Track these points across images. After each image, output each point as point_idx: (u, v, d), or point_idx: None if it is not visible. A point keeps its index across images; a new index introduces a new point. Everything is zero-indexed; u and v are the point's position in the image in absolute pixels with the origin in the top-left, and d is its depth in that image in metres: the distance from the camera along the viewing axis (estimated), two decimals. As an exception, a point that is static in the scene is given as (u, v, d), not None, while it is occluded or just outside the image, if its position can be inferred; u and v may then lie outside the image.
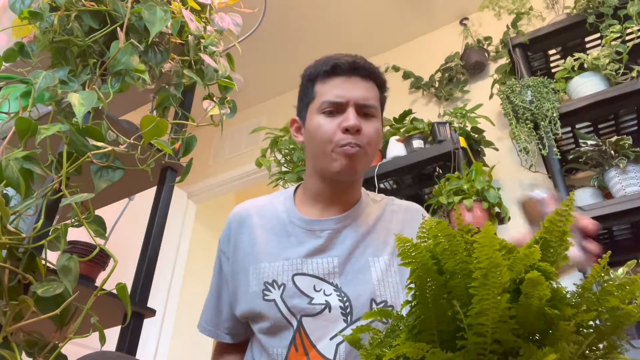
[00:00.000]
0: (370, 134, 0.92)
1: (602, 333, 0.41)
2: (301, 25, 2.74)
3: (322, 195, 0.98)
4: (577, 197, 1.68)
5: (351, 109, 0.91)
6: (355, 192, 1.00)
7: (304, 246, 0.93)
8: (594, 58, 1.76)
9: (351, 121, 0.89)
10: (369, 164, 0.95)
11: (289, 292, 0.89)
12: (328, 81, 0.95)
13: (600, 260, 0.42)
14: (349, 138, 0.89)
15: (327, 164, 0.92)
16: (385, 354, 0.41)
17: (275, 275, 0.92)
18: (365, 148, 0.91)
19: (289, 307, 0.88)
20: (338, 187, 0.97)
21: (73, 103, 0.89)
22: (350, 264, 0.91)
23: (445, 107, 2.47)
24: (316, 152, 0.94)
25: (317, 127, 0.93)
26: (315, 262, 0.92)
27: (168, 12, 1.10)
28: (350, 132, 0.90)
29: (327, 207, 0.98)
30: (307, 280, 0.90)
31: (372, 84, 0.97)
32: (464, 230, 0.45)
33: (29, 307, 0.78)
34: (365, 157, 0.92)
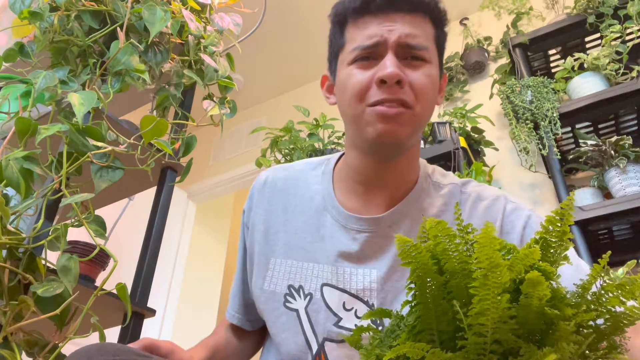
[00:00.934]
0: (420, 84, 0.67)
1: (602, 333, 0.41)
2: (301, 25, 2.74)
3: (362, 174, 0.75)
4: (577, 197, 1.68)
5: (390, 53, 0.67)
6: (408, 170, 0.75)
7: (335, 247, 0.73)
8: (594, 58, 1.76)
9: (388, 69, 0.65)
10: (420, 126, 0.70)
11: (315, 305, 0.71)
12: (360, 22, 0.71)
13: (600, 260, 0.42)
14: (385, 93, 0.66)
15: (360, 131, 0.70)
16: (385, 354, 0.41)
17: (302, 279, 0.73)
18: (413, 106, 0.67)
19: (313, 325, 0.71)
20: (380, 161, 0.73)
21: (73, 103, 0.89)
22: (392, 281, 0.70)
23: (445, 107, 2.47)
24: (347, 116, 0.72)
25: (347, 81, 0.70)
26: (347, 272, 0.71)
27: (168, 12, 1.09)
28: (388, 84, 0.66)
29: (370, 193, 0.75)
30: (336, 294, 0.71)
31: (422, 17, 0.71)
32: (464, 230, 0.45)
33: (29, 307, 0.78)
34: (412, 118, 0.67)
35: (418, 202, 0.74)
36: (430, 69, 0.70)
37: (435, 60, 0.72)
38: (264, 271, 0.77)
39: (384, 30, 0.68)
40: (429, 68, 0.70)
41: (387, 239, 0.72)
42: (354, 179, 0.76)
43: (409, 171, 0.75)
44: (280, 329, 0.74)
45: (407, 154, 0.73)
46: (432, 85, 0.70)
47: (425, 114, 0.70)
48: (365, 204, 0.75)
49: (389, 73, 0.65)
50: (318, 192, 0.79)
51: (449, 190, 0.76)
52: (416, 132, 0.70)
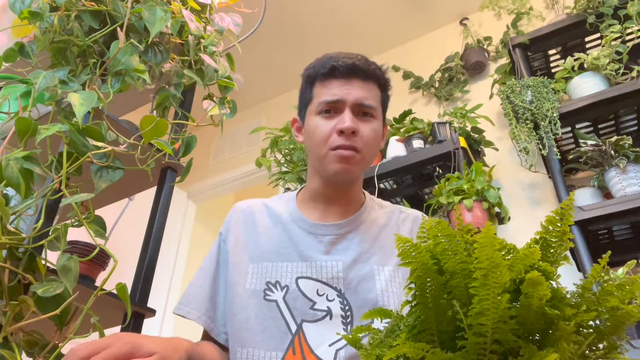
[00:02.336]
0: (368, 135, 0.90)
1: (602, 333, 0.41)
2: (301, 25, 2.74)
3: (323, 195, 0.97)
4: (577, 197, 1.68)
5: (347, 110, 0.89)
6: (355, 193, 0.99)
7: (306, 247, 0.92)
8: (594, 58, 1.76)
9: (346, 123, 0.87)
10: (366, 166, 0.94)
11: (292, 294, 0.88)
12: (326, 83, 0.93)
13: (600, 260, 0.42)
14: (343, 140, 0.88)
15: (324, 166, 0.91)
16: (385, 354, 0.41)
17: (278, 276, 0.90)
18: (362, 151, 0.89)
19: (291, 310, 0.87)
20: (337, 187, 0.96)
21: (73, 103, 0.89)
22: (354, 271, 0.89)
23: (445, 107, 2.47)
24: (313, 153, 0.94)
25: (314, 128, 0.92)
26: (319, 265, 0.90)
27: (168, 12, 1.09)
28: (345, 134, 0.88)
29: (328, 208, 0.97)
30: (310, 284, 0.89)
31: (372, 84, 0.94)
32: (464, 230, 0.45)
33: (29, 307, 0.78)
34: (361, 160, 0.90)
35: (367, 215, 0.98)
36: (376, 124, 0.92)
37: (380, 117, 0.95)
38: (244, 274, 0.93)
39: (344, 91, 0.90)
40: (375, 123, 0.93)
41: (347, 241, 0.93)
42: (316, 199, 0.98)
43: (356, 193, 0.99)
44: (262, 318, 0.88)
45: (355, 182, 0.98)
46: (376, 136, 0.93)
47: (370, 157, 0.93)
48: (325, 217, 0.96)
49: (347, 126, 0.87)
50: (285, 212, 0.99)
51: (390, 210, 1.02)
52: (362, 170, 0.94)
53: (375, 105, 0.93)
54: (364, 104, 0.90)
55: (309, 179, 1.01)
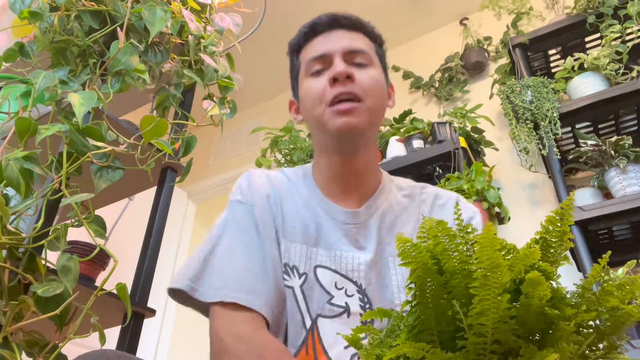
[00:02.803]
0: (367, 81, 0.78)
1: (602, 333, 0.41)
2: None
3: (335, 174, 0.84)
4: (577, 197, 1.68)
5: (337, 58, 0.79)
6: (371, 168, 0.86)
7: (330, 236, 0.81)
8: (594, 58, 1.76)
9: (337, 68, 0.77)
10: (373, 118, 0.80)
11: (310, 283, 0.78)
12: (309, 44, 0.85)
13: (600, 260, 0.42)
14: (339, 89, 0.76)
15: (323, 129, 0.79)
16: (386, 353, 0.41)
17: (297, 260, 0.79)
18: (364, 99, 0.77)
19: (307, 302, 0.77)
20: (348, 159, 0.82)
21: (73, 103, 0.89)
22: (374, 264, 0.80)
23: (445, 107, 2.47)
24: (311, 121, 0.83)
25: (306, 91, 0.82)
26: (339, 255, 0.80)
27: (168, 12, 1.10)
28: (340, 80, 0.77)
29: (346, 192, 0.85)
30: (329, 274, 0.79)
31: (360, 34, 0.85)
32: (464, 230, 0.45)
33: (29, 307, 0.78)
34: (366, 111, 0.77)
35: (385, 198, 0.86)
36: (374, 71, 0.81)
37: (378, 66, 0.83)
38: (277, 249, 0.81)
39: (329, 43, 0.82)
40: (374, 70, 0.81)
41: (367, 229, 0.82)
42: (329, 180, 0.86)
43: (372, 169, 0.86)
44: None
45: (366, 151, 0.84)
46: (378, 84, 0.80)
47: (376, 108, 0.80)
48: (343, 200, 0.85)
49: (338, 71, 0.77)
50: (305, 194, 0.87)
51: (411, 191, 0.90)
52: (371, 124, 0.80)
53: (368, 50, 0.83)
54: (354, 48, 0.81)
55: (315, 159, 0.89)
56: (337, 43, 0.82)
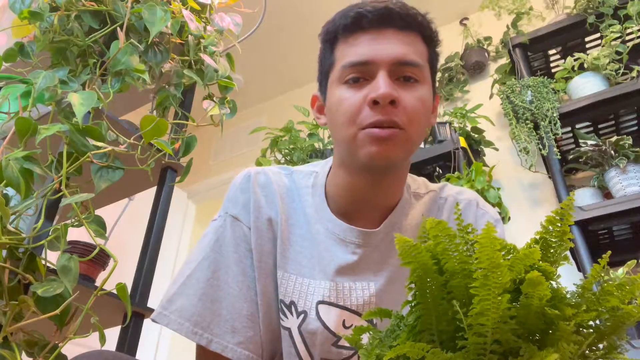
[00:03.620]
0: (413, 106, 0.64)
1: (602, 333, 0.41)
2: (301, 25, 2.74)
3: (352, 194, 0.72)
4: (577, 197, 1.68)
5: (382, 72, 0.64)
6: (397, 189, 0.73)
7: (334, 261, 0.69)
8: (594, 58, 1.76)
9: (381, 89, 0.62)
10: (411, 148, 0.67)
11: (310, 324, 0.67)
12: (351, 40, 0.67)
13: (600, 260, 0.42)
14: (378, 114, 0.63)
15: (352, 153, 0.67)
16: (386, 353, 0.41)
17: (295, 295, 0.68)
18: (406, 128, 0.64)
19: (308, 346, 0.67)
20: (371, 183, 0.70)
21: (73, 103, 0.89)
22: (389, 294, 0.69)
23: (445, 107, 2.47)
24: (338, 138, 0.69)
25: (338, 102, 0.67)
26: (347, 287, 0.68)
27: (168, 12, 1.10)
28: (381, 104, 0.63)
29: (361, 210, 0.73)
30: (334, 312, 0.67)
31: (415, 35, 0.68)
32: (464, 230, 0.45)
33: (29, 307, 0.78)
34: (406, 141, 0.65)
35: (403, 214, 0.74)
36: (423, 90, 0.67)
37: (428, 81, 0.70)
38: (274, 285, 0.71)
39: (375, 48, 0.65)
40: (422, 89, 0.67)
41: (381, 252, 0.71)
42: (345, 197, 0.73)
43: (397, 190, 0.74)
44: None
45: (397, 174, 0.72)
46: (424, 107, 0.67)
47: (418, 136, 0.67)
48: (357, 219, 0.73)
49: (382, 93, 0.62)
50: (311, 204, 0.75)
51: (430, 198, 0.78)
52: (408, 154, 0.68)
53: (422, 62, 0.68)
54: (405, 60, 0.65)
55: (334, 169, 0.75)
56: (386, 50, 0.65)
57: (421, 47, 0.69)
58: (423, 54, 0.69)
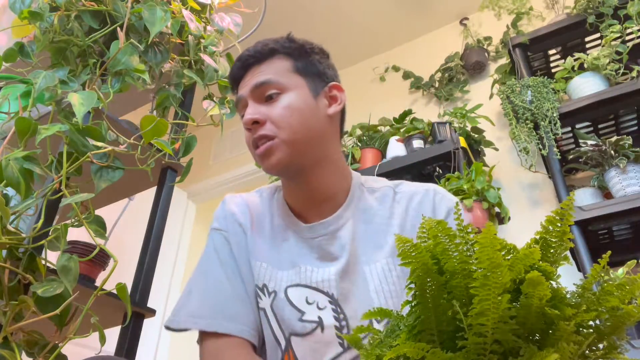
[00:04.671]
0: (279, 115, 0.76)
1: (602, 333, 0.41)
2: (301, 25, 2.74)
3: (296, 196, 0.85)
4: (577, 197, 1.68)
5: (250, 102, 0.80)
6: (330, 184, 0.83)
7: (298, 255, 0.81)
8: (594, 58, 1.76)
9: (245, 117, 0.78)
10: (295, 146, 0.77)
11: (279, 302, 0.77)
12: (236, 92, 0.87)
13: (600, 260, 0.42)
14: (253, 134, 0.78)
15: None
16: (386, 354, 0.41)
17: (267, 278, 0.79)
18: (278, 134, 0.76)
19: (279, 321, 0.76)
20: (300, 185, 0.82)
21: (73, 103, 0.89)
22: (346, 273, 0.78)
23: (445, 107, 2.47)
24: None
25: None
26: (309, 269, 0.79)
27: (168, 12, 1.09)
28: (251, 128, 0.78)
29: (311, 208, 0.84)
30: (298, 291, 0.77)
31: (272, 60, 0.82)
32: (464, 230, 0.45)
33: (29, 307, 0.78)
34: (281, 144, 0.76)
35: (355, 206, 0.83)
36: (288, 98, 0.79)
37: (294, 87, 0.80)
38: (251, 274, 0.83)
39: (242, 88, 0.82)
40: (287, 97, 0.79)
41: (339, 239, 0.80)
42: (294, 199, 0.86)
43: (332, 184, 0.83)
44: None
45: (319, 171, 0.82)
46: (293, 111, 0.78)
47: (295, 135, 0.77)
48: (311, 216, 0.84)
49: (245, 120, 0.78)
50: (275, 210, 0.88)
51: (383, 192, 0.86)
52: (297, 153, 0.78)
53: (276, 78, 0.80)
54: (258, 83, 0.79)
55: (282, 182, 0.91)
56: (246, 84, 0.81)
57: (282, 64, 0.82)
58: (284, 68, 0.81)
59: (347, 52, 2.89)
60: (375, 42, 2.85)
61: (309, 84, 0.82)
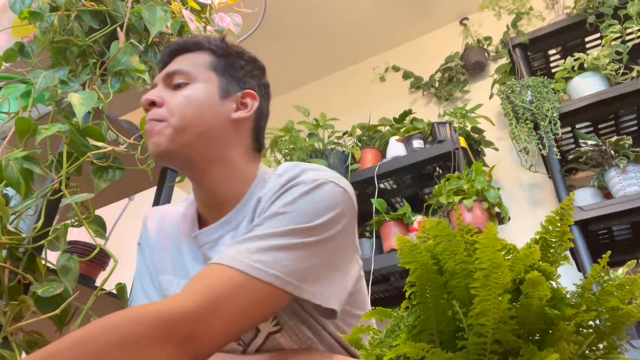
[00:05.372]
0: (174, 103, 0.77)
1: (602, 333, 0.41)
2: (301, 26, 2.74)
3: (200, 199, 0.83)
4: (577, 197, 1.68)
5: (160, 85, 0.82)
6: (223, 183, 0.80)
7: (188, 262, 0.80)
8: (594, 58, 1.77)
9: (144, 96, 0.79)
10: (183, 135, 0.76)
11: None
12: None
13: (600, 260, 0.42)
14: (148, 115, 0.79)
15: None
16: (386, 354, 0.41)
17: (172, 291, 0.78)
18: (168, 119, 0.76)
19: None
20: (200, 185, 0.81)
21: (73, 103, 0.89)
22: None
23: (445, 107, 2.47)
24: None
25: None
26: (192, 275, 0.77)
27: (168, 12, 1.10)
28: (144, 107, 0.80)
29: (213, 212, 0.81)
30: None
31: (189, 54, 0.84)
32: (464, 231, 0.45)
33: (29, 307, 0.78)
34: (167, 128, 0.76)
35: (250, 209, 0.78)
36: (191, 89, 0.79)
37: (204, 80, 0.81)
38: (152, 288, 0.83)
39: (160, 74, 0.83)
40: (192, 87, 0.80)
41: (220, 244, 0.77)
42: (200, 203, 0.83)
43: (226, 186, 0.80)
44: None
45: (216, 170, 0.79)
46: (189, 100, 0.78)
47: (184, 123, 0.77)
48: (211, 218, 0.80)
49: (142, 100, 0.79)
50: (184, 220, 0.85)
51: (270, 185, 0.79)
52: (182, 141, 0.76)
53: (188, 69, 0.81)
54: (170, 71, 0.81)
55: None
56: (164, 72, 0.83)
57: (202, 58, 0.83)
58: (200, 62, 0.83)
59: (347, 52, 2.89)
60: (375, 42, 2.85)
61: (221, 83, 0.82)
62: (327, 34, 2.78)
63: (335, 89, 2.89)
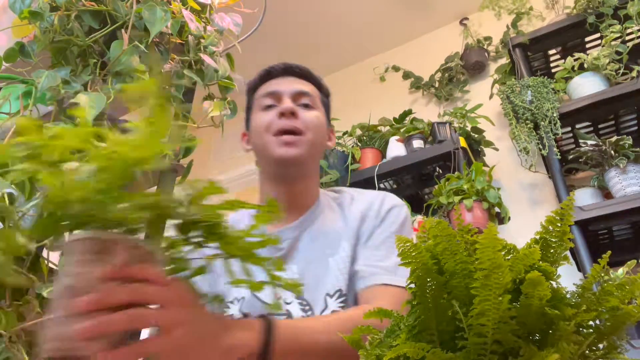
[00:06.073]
0: (309, 118, 0.91)
1: (602, 333, 0.41)
2: (301, 26, 2.74)
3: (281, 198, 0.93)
4: (577, 197, 1.68)
5: (287, 97, 0.93)
6: (310, 190, 0.97)
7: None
8: (594, 58, 1.77)
9: (285, 105, 0.90)
10: (312, 150, 0.92)
11: (248, 302, 0.86)
12: (265, 84, 0.99)
13: (600, 260, 0.42)
14: (284, 122, 0.89)
15: (268, 155, 0.91)
16: (386, 353, 0.41)
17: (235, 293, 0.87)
18: (305, 133, 0.90)
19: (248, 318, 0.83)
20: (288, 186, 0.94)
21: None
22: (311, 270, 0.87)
23: (445, 107, 2.47)
24: (258, 147, 0.94)
25: (257, 121, 0.94)
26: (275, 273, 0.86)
27: (168, 12, 1.10)
28: (286, 115, 0.90)
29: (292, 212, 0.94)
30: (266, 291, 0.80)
31: (308, 82, 0.99)
32: (464, 231, 0.45)
33: (33, 307, 0.78)
34: (306, 143, 0.90)
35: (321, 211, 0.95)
36: (318, 113, 0.95)
37: (320, 109, 0.97)
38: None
39: (281, 84, 0.97)
40: (317, 112, 0.95)
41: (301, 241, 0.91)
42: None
43: (310, 190, 0.97)
44: None
45: (305, 180, 0.95)
46: (319, 123, 0.94)
47: (316, 142, 0.92)
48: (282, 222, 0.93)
49: (285, 107, 0.90)
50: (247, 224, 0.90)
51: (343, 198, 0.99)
52: (310, 155, 0.92)
53: (314, 95, 0.96)
54: (301, 91, 0.94)
55: (261, 187, 1.00)
56: (288, 86, 0.95)
57: (314, 89, 0.99)
58: (316, 93, 0.99)
59: (347, 52, 2.89)
60: (376, 42, 2.85)
61: (324, 116, 0.99)
62: (327, 34, 2.78)
63: (335, 88, 2.88)
